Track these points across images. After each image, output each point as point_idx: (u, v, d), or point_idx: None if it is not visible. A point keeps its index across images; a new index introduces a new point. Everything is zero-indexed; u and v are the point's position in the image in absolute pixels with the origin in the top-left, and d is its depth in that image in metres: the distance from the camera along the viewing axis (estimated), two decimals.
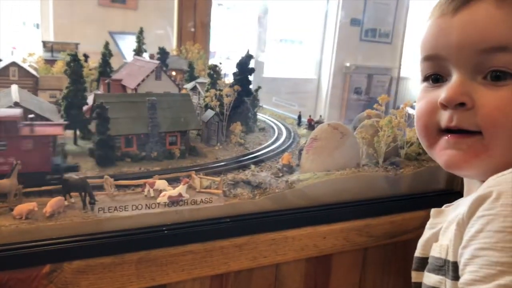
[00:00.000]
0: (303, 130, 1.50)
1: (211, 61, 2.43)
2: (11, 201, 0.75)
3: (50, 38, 3.54)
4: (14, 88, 1.11)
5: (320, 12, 4.13)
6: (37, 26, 4.46)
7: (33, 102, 1.07)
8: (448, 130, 0.60)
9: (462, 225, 0.55)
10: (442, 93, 0.59)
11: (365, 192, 0.95)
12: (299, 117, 1.65)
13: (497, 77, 0.56)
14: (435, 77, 0.63)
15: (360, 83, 4.03)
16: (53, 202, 0.74)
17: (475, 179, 0.63)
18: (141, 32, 1.95)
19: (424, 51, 0.63)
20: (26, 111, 0.99)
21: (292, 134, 1.44)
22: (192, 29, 2.26)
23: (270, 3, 4.02)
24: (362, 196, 0.94)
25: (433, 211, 0.73)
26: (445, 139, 0.61)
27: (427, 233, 0.71)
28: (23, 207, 0.72)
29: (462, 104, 0.58)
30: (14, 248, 0.67)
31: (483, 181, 0.56)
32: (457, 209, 0.61)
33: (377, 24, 3.91)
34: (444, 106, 0.59)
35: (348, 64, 4.10)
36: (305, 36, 4.28)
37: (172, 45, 2.34)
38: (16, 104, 0.98)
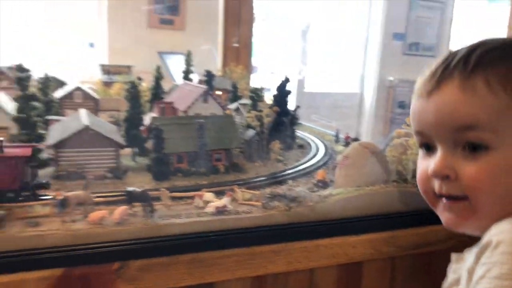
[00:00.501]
0: (340, 147, 1.61)
1: (254, 76, 2.58)
2: (86, 209, 0.92)
3: (105, 58, 3.87)
4: (83, 112, 1.30)
5: (363, 26, 4.21)
6: (92, 45, 4.86)
7: (99, 125, 1.26)
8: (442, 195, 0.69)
9: (471, 273, 0.63)
10: (431, 163, 0.68)
11: (393, 206, 1.04)
12: (337, 134, 1.76)
13: (473, 148, 0.64)
14: (426, 146, 0.71)
15: (404, 97, 4.05)
16: (120, 211, 0.90)
17: (473, 235, 0.69)
18: (189, 54, 2.13)
19: (413, 126, 0.72)
20: (95, 133, 1.18)
21: (329, 151, 1.55)
22: (236, 45, 2.40)
23: (313, 16, 4.15)
24: (390, 209, 1.04)
25: (454, 256, 0.78)
26: (442, 202, 0.69)
27: (450, 277, 0.76)
28: (96, 214, 0.89)
29: (447, 176, 0.66)
30: (90, 248, 0.83)
31: None
32: (472, 255, 0.67)
33: (420, 37, 3.94)
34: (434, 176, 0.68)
35: (391, 78, 4.13)
36: (347, 50, 4.36)
37: (217, 65, 2.52)
38: (87, 128, 1.17)
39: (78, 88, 1.71)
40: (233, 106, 1.64)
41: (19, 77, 1.16)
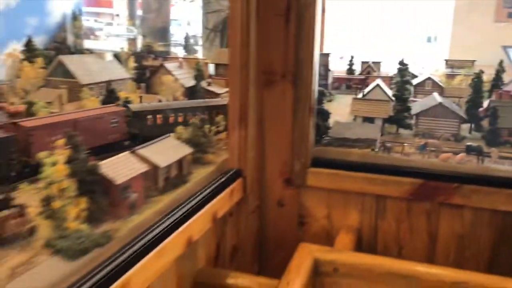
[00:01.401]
0: None
1: None
2: (437, 153, 1.51)
3: (445, 53, 4.40)
4: (436, 94, 1.90)
5: None
6: (429, 39, 5.47)
7: (448, 103, 1.82)
8: None
9: None
10: None
11: None
12: None
13: None
14: None
15: None
16: (460, 156, 1.45)
17: None
18: None
19: None
20: (446, 108, 1.75)
21: None
22: None
23: None
24: None
25: None
26: None
27: None
28: (445, 155, 1.46)
29: None
30: (440, 171, 1.41)
31: None
32: None
33: None
34: None
35: None
36: None
37: None
38: (440, 104, 1.75)
39: (429, 78, 2.33)
40: None
41: (399, 68, 1.86)
